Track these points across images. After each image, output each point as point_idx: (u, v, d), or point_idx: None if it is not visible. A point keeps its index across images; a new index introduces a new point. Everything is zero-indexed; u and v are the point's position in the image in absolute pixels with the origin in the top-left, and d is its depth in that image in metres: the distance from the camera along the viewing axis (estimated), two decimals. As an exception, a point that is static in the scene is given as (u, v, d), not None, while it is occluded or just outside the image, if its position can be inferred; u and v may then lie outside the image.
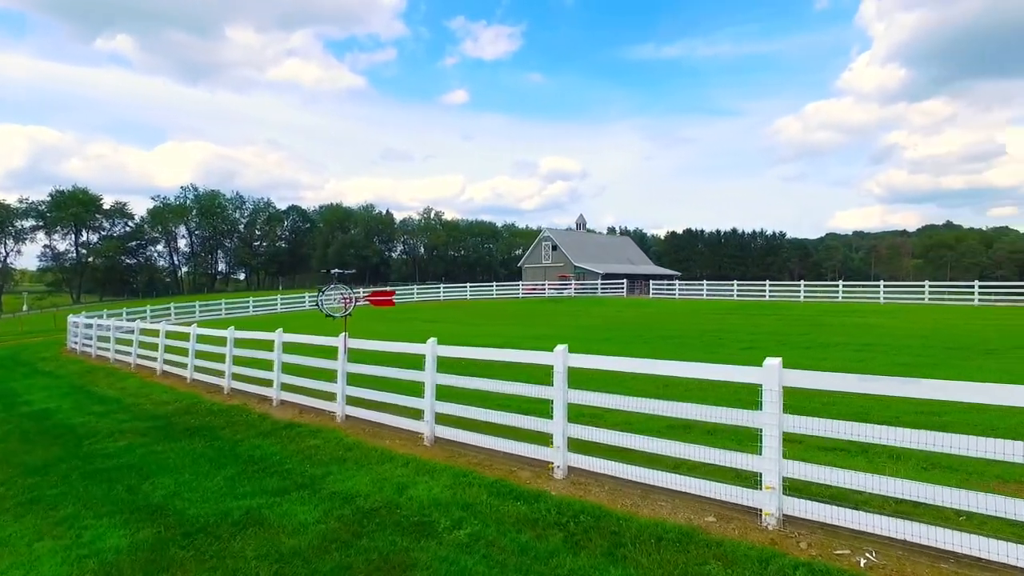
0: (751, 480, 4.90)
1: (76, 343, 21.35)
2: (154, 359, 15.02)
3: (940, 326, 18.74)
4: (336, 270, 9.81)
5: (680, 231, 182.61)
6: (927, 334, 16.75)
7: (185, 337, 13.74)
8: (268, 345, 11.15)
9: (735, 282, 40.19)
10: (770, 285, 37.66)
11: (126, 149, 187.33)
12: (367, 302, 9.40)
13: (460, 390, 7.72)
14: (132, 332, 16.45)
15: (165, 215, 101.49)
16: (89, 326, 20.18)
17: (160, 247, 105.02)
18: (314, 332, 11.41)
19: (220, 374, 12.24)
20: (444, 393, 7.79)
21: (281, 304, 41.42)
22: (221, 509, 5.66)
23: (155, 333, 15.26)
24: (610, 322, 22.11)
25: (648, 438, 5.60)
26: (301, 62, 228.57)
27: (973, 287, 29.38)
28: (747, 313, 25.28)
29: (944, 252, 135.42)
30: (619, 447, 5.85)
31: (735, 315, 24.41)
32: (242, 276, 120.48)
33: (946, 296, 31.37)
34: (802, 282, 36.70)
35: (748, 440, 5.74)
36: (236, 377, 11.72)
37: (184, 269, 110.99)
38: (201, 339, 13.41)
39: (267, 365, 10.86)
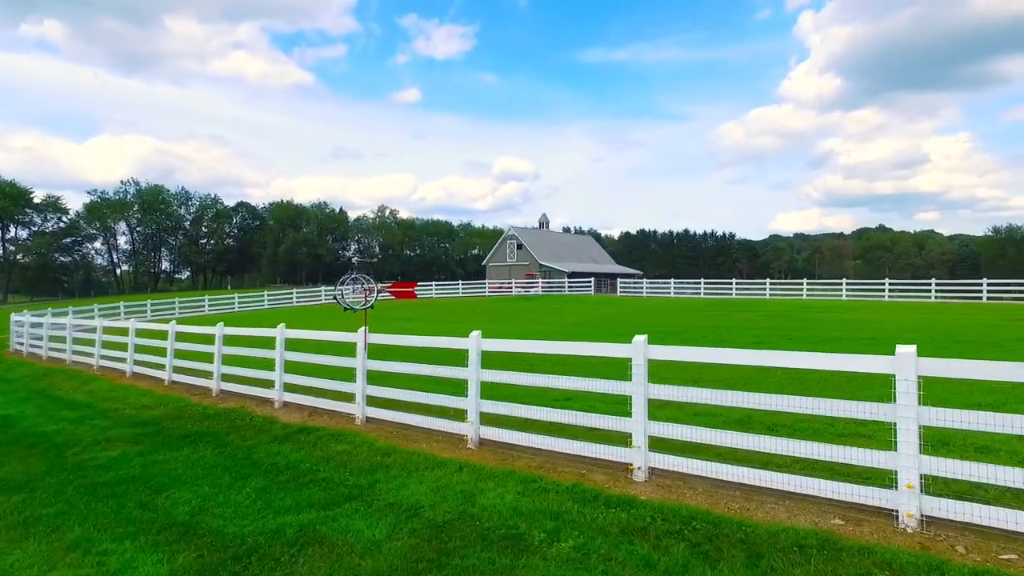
0: (882, 479, 4.52)
1: (22, 344, 19.51)
2: (121, 360, 13.74)
3: (926, 321, 19.25)
4: (356, 259, 9.02)
5: (634, 231, 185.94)
6: (920, 328, 17.12)
7: (161, 335, 12.59)
8: (262, 343, 10.26)
9: (702, 280, 40.73)
10: (736, 283, 38.32)
11: (55, 141, 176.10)
12: (389, 294, 8.68)
13: (506, 386, 7.15)
14: (94, 331, 15.02)
15: (103, 210, 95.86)
16: (39, 325, 18.44)
17: (98, 244, 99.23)
18: (296, 328, 10.58)
19: (205, 375, 11.23)
20: (486, 390, 7.20)
21: (239, 303, 39.49)
22: (267, 527, 4.91)
23: (122, 332, 13.99)
24: (598, 318, 21.82)
25: (747, 435, 5.18)
26: (247, 56, 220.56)
27: (930, 285, 30.64)
28: (727, 310, 25.49)
29: (881, 253, 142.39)
30: (709, 444, 5.42)
31: (716, 311, 24.56)
32: (180, 276, 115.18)
33: (904, 294, 32.61)
34: (768, 280, 37.48)
35: (853, 436, 5.39)
36: (228, 378, 10.75)
37: (124, 268, 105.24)
38: (182, 337, 12.30)
39: (266, 364, 9.98)
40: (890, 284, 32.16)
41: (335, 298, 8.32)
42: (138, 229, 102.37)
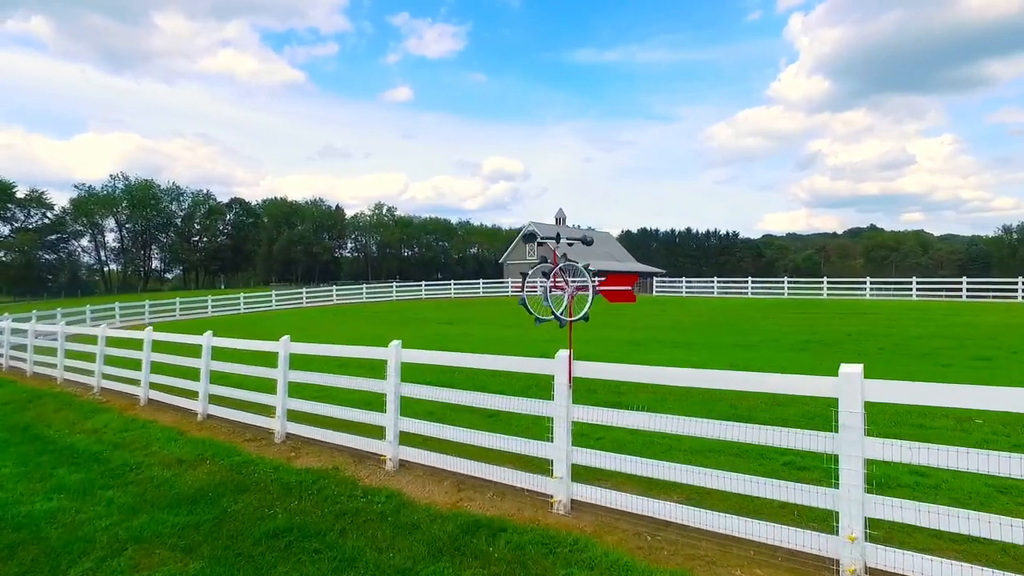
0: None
1: (0, 355, 16.07)
2: (133, 382, 10.45)
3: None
4: (566, 239, 5.84)
5: (635, 230, 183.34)
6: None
7: (191, 352, 9.32)
8: (339, 366, 7.04)
9: (749, 279, 37.83)
10: (788, 282, 35.42)
11: (38, 138, 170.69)
12: (599, 294, 5.52)
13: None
14: (96, 342, 11.66)
15: (90, 206, 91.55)
16: (21, 332, 15.03)
17: (84, 242, 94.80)
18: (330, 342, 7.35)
19: (261, 410, 7.98)
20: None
21: (244, 304, 36.00)
22: None
23: (133, 344, 10.67)
24: (685, 324, 18.60)
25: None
26: (236, 53, 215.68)
27: (1017, 285, 27.91)
28: (805, 310, 22.37)
29: (885, 253, 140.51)
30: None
31: (803, 312, 21.43)
32: (171, 275, 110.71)
33: (983, 294, 29.79)
34: (824, 279, 34.58)
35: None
36: (297, 417, 7.50)
37: (112, 266, 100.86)
38: (221, 355, 9.03)
39: (365, 400, 6.76)
40: (968, 283, 29.37)
41: (522, 303, 5.13)
42: (127, 226, 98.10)
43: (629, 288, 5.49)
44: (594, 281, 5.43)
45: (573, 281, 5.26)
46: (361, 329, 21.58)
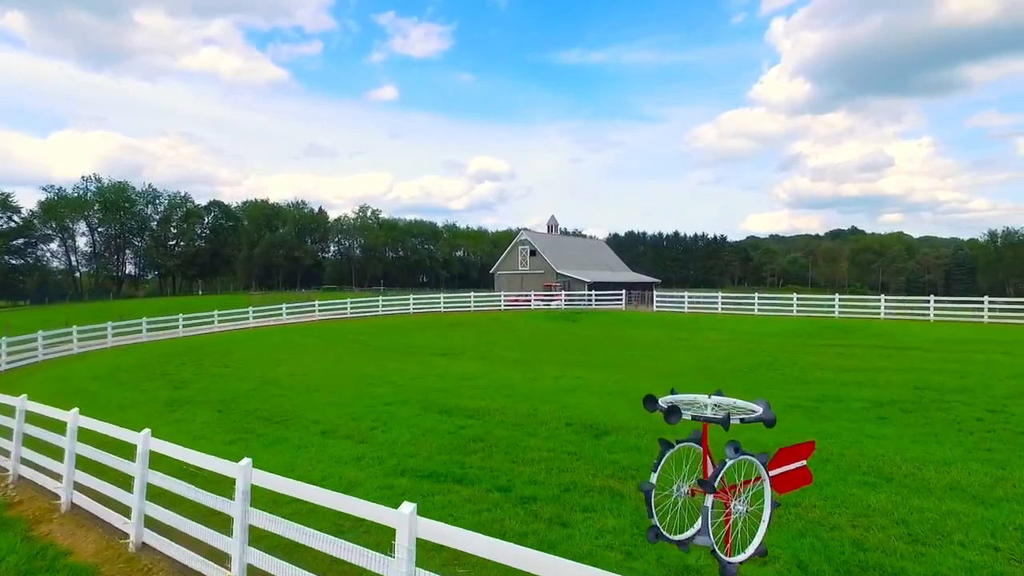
0: None
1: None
2: (55, 476, 8.15)
3: None
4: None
5: (622, 233, 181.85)
6: None
7: (122, 450, 7.06)
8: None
9: (756, 295, 36.06)
10: (797, 299, 33.67)
11: (14, 136, 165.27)
12: (773, 486, 3.33)
13: None
14: (13, 413, 9.26)
15: (59, 209, 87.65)
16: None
17: (54, 246, 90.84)
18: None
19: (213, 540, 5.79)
20: None
21: (218, 321, 33.45)
22: None
23: (59, 427, 8.37)
24: (714, 364, 16.45)
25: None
26: (219, 51, 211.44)
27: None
28: (837, 340, 20.48)
29: (872, 257, 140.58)
30: None
31: (839, 344, 19.52)
32: (151, 277, 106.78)
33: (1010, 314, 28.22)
34: (836, 296, 32.86)
35: None
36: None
37: (84, 271, 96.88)
38: (161, 462, 6.80)
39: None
40: (997, 303, 27.77)
41: (647, 497, 3.00)
42: (99, 229, 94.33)
43: (804, 464, 3.34)
44: (761, 465, 3.26)
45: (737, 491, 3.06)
46: (345, 362, 19.34)
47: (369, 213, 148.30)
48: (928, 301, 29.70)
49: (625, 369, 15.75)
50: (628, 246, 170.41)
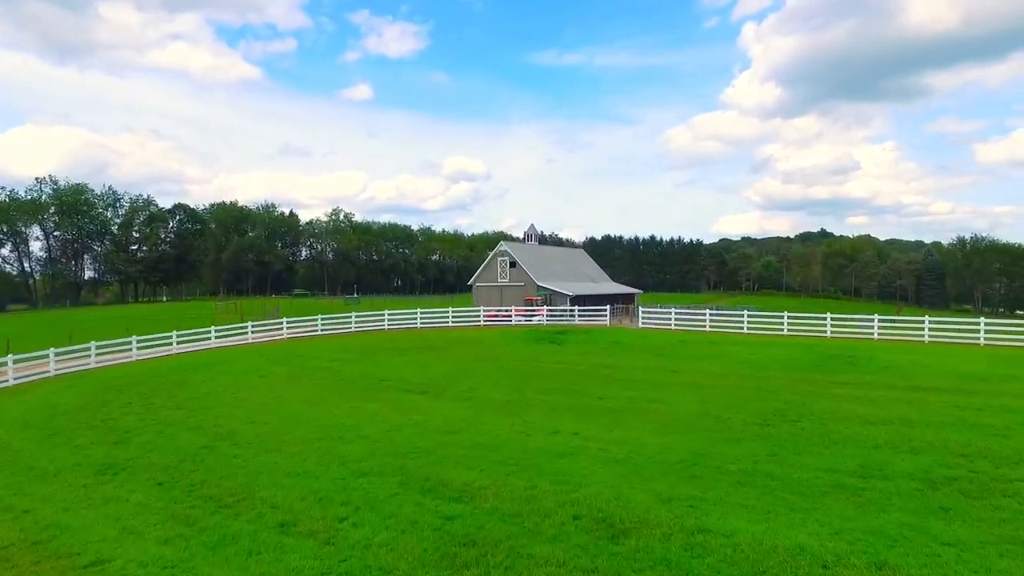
0: None
1: None
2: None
3: None
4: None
5: (599, 236, 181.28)
6: None
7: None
8: None
9: (745, 312, 35.00)
10: (788, 317, 32.65)
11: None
12: None
13: None
14: None
15: (11, 212, 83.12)
16: None
17: (6, 251, 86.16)
18: None
19: None
20: None
21: (177, 342, 31.10)
22: None
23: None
24: (729, 415, 14.85)
25: None
26: (189, 47, 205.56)
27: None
28: (862, 380, 19.12)
29: (844, 261, 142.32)
30: None
31: (863, 387, 17.99)
32: (107, 286, 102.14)
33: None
34: (828, 316, 31.81)
35: None
36: None
37: (39, 277, 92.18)
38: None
39: None
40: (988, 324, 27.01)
41: None
42: (55, 234, 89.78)
43: None
44: None
45: None
46: (313, 402, 17.49)
47: (342, 216, 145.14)
48: (923, 322, 28.93)
49: (623, 419, 14.21)
50: (605, 250, 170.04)
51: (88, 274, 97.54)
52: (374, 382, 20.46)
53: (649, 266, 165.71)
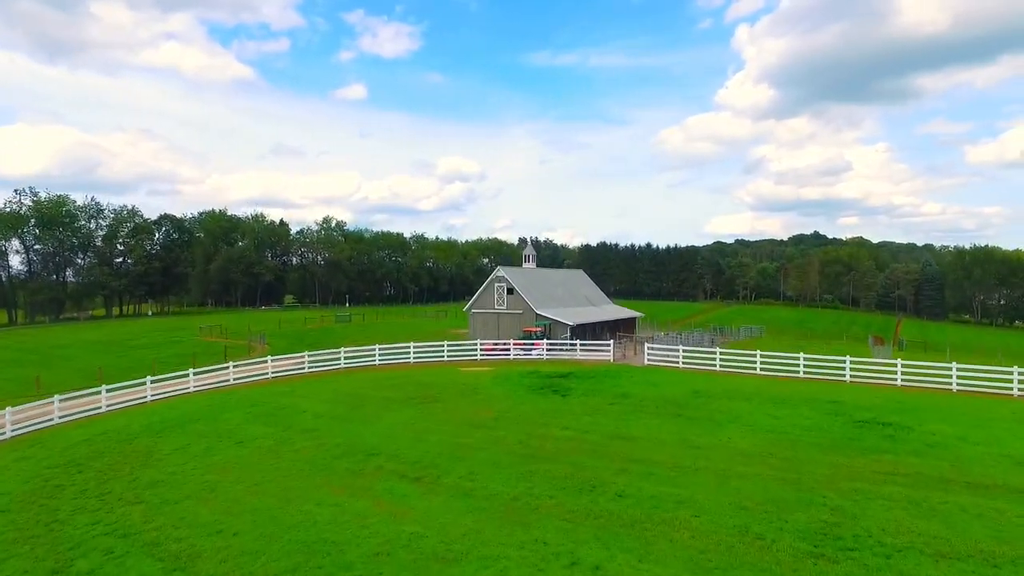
0: None
1: None
2: None
3: None
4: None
5: (594, 244, 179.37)
6: None
7: None
8: None
9: (757, 352, 33.07)
10: (804, 359, 30.77)
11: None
12: None
13: None
14: None
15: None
16: None
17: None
18: None
19: None
20: None
21: (151, 391, 28.88)
22: None
23: None
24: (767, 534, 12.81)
25: None
26: (181, 46, 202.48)
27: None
28: (910, 468, 17.31)
29: (841, 269, 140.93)
30: None
31: (925, 492, 16.31)
32: (75, 299, 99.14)
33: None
34: (847, 359, 29.96)
35: None
36: None
37: (20, 292, 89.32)
38: None
39: None
40: None
41: None
42: (36, 247, 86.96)
43: None
44: None
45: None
46: (289, 497, 15.48)
47: (334, 224, 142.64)
48: (950, 368, 27.14)
49: (652, 539, 12.21)
50: (600, 258, 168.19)
51: (72, 288, 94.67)
52: (362, 458, 18.39)
53: (645, 274, 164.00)
